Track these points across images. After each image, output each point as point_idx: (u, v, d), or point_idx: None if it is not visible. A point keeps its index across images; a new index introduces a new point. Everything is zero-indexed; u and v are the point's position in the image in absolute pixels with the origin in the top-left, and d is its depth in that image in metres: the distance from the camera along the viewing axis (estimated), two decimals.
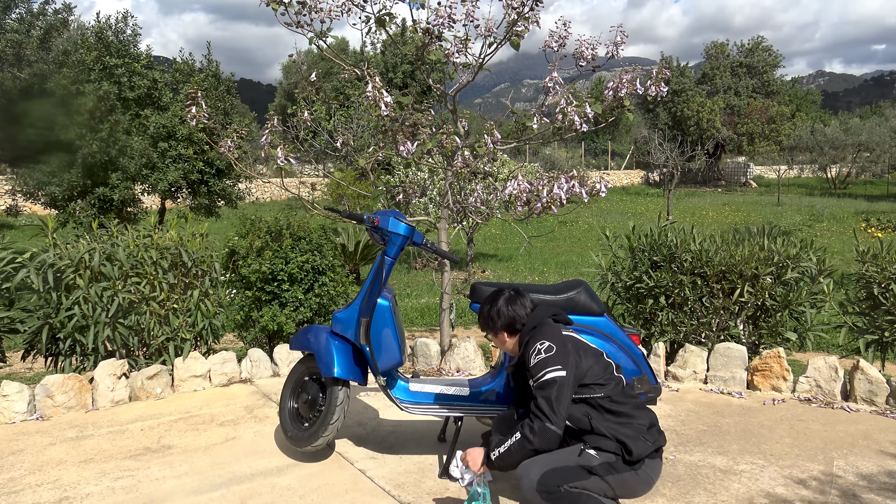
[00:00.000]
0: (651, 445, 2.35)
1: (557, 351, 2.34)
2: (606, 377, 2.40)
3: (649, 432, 2.38)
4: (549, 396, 2.29)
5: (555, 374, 2.30)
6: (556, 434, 2.29)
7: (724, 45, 37.15)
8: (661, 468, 2.49)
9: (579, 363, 2.36)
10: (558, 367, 2.31)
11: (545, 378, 2.31)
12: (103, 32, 11.48)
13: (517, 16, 3.83)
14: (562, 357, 2.33)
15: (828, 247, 8.74)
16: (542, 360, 2.33)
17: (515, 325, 2.55)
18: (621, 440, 2.33)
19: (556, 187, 3.89)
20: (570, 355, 2.35)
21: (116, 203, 10.70)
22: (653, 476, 2.40)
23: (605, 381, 2.39)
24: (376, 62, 27.00)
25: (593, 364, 2.40)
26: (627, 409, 2.39)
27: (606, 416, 2.38)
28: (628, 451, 2.31)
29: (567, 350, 2.36)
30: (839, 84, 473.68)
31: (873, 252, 4.36)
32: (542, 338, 2.40)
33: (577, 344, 2.43)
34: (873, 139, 30.73)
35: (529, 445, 2.30)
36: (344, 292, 5.03)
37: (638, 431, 2.35)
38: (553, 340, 2.38)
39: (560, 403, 2.29)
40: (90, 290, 4.04)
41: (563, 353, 2.34)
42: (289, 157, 4.06)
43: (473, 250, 10.41)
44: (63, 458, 3.13)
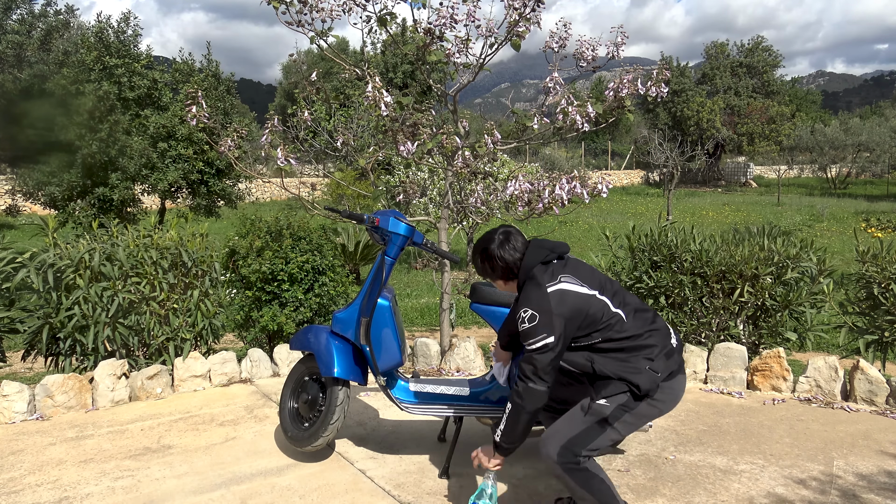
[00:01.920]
0: (659, 377, 2.33)
1: (541, 319, 2.29)
2: (603, 322, 2.35)
3: (657, 361, 2.34)
4: (532, 359, 2.29)
5: (541, 343, 2.28)
6: (542, 392, 2.29)
7: (724, 45, 37.15)
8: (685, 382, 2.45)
9: (570, 319, 2.31)
10: (543, 334, 2.28)
11: (533, 346, 2.29)
12: (104, 32, 11.48)
13: (518, 16, 3.83)
14: (546, 324, 2.29)
15: (828, 247, 8.75)
16: (527, 330, 2.30)
17: (511, 273, 2.51)
18: (627, 379, 2.32)
19: (557, 188, 3.89)
20: (554, 319, 2.29)
21: (116, 203, 10.70)
22: (678, 391, 2.40)
23: (602, 325, 2.35)
24: (376, 62, 27.00)
25: (587, 311, 2.34)
26: (631, 342, 2.35)
27: (609, 356, 2.36)
28: (636, 387, 2.31)
29: (551, 315, 2.30)
30: (839, 84, 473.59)
31: (873, 252, 4.35)
32: (526, 304, 2.34)
33: (565, 298, 2.33)
34: (873, 139, 30.73)
35: (522, 411, 2.30)
36: (344, 292, 5.04)
37: (644, 364, 2.33)
38: (536, 306, 2.31)
39: (546, 366, 2.28)
40: (90, 290, 4.04)
41: (546, 319, 2.29)
42: (289, 157, 4.06)
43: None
44: (63, 458, 3.13)
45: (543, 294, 2.34)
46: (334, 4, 4.01)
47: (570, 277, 2.38)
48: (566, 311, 2.31)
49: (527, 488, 2.82)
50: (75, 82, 10.35)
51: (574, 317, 2.32)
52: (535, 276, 2.40)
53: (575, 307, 2.32)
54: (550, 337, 2.28)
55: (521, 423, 2.32)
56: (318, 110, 11.30)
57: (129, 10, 12.22)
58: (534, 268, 2.43)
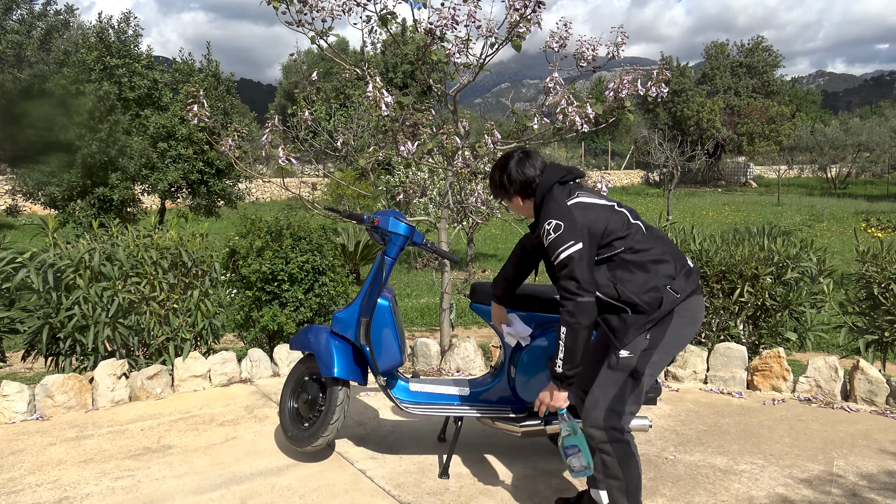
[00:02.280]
0: (679, 297, 2.35)
1: (566, 227, 2.33)
2: (625, 230, 2.38)
3: (678, 280, 2.37)
4: (571, 273, 2.29)
5: (571, 251, 2.30)
6: (591, 303, 2.29)
7: (724, 45, 37.16)
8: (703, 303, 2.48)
9: (593, 228, 2.34)
10: (571, 241, 2.31)
11: (562, 256, 2.31)
12: (104, 32, 11.49)
13: (519, 17, 3.83)
14: (572, 231, 2.32)
15: (828, 247, 8.75)
16: (554, 240, 2.33)
17: (529, 188, 2.53)
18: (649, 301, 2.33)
19: None
20: (578, 226, 2.33)
21: (116, 203, 10.70)
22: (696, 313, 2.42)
23: (623, 234, 2.37)
24: (376, 62, 27.01)
25: (608, 221, 2.37)
26: (652, 255, 2.37)
27: (631, 274, 2.36)
28: (659, 306, 2.33)
29: (575, 222, 2.33)
30: (839, 84, 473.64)
31: (873, 252, 4.35)
32: (548, 216, 2.39)
33: (586, 209, 2.38)
34: (873, 139, 30.73)
35: (579, 328, 2.29)
36: (344, 292, 5.03)
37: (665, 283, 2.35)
38: (559, 216, 2.36)
39: (584, 274, 2.29)
40: (90, 290, 4.04)
41: (571, 227, 2.33)
42: (290, 157, 4.06)
43: (473, 250, 10.41)
44: (63, 458, 3.13)
45: (565, 206, 2.38)
46: (334, 4, 4.01)
47: (587, 193, 2.44)
48: (589, 219, 2.35)
49: (527, 488, 2.82)
50: (75, 82, 10.36)
51: (596, 225, 2.35)
52: (554, 193, 2.45)
53: (597, 216, 2.37)
54: (579, 243, 2.30)
55: (579, 342, 2.31)
56: (318, 110, 11.30)
57: (129, 11, 12.23)
58: (552, 186, 2.47)
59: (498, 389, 3.02)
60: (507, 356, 2.99)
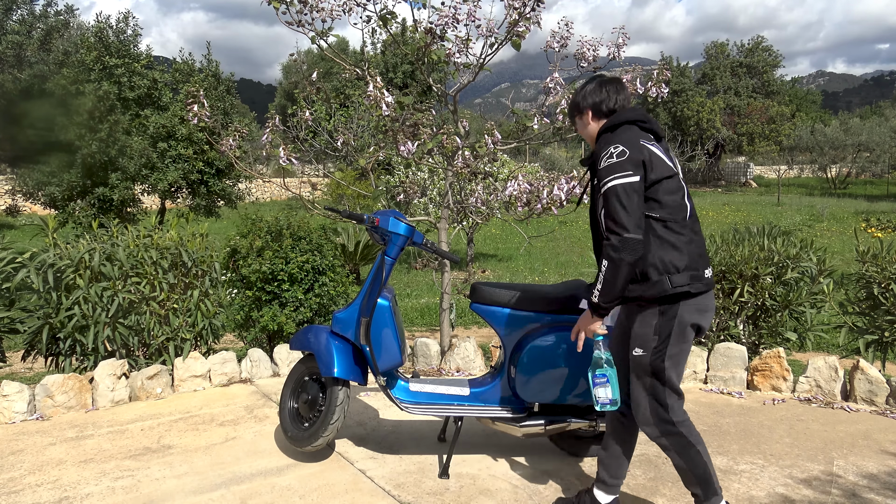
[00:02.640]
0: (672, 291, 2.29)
1: (630, 156, 2.23)
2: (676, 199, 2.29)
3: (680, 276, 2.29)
4: (620, 204, 2.20)
5: (624, 180, 2.21)
6: (639, 241, 2.22)
7: (724, 45, 37.18)
8: (714, 300, 2.43)
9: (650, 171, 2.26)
10: (629, 172, 2.21)
11: (616, 183, 2.22)
12: (104, 32, 11.49)
13: (518, 16, 3.83)
14: (634, 162, 2.23)
15: (828, 247, 8.76)
16: (612, 165, 2.24)
17: (602, 108, 2.46)
18: (650, 275, 2.29)
19: (556, 188, 3.89)
20: (642, 161, 2.25)
21: (116, 203, 10.71)
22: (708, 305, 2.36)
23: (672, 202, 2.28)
24: (376, 62, 27.01)
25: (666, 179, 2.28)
26: (676, 240, 2.29)
27: (659, 242, 2.30)
28: (671, 282, 2.28)
29: (641, 156, 2.25)
30: (839, 84, 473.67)
31: (873, 252, 4.35)
32: (616, 141, 2.28)
33: (652, 156, 2.28)
34: (873, 139, 30.74)
35: (622, 263, 2.22)
36: (344, 292, 5.03)
37: (670, 270, 2.29)
38: (628, 145, 2.26)
39: (633, 209, 2.20)
40: (90, 290, 4.04)
41: (636, 158, 2.23)
42: (290, 157, 4.06)
43: (473, 250, 10.41)
44: (63, 458, 3.13)
45: (637, 141, 2.30)
46: (334, 4, 4.01)
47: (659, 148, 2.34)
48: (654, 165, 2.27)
49: (527, 488, 2.82)
50: (75, 82, 10.36)
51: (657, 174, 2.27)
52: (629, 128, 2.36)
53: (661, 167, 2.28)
54: (636, 176, 2.22)
55: (620, 277, 2.24)
56: (319, 110, 11.30)
57: (128, 11, 12.23)
58: (629, 121, 2.39)
59: (498, 389, 3.02)
60: (507, 356, 2.99)
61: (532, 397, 2.90)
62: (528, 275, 10.71)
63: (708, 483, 2.36)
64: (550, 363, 2.87)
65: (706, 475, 2.36)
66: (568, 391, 2.90)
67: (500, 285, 3.02)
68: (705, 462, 2.35)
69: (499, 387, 3.02)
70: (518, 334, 2.97)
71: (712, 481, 2.37)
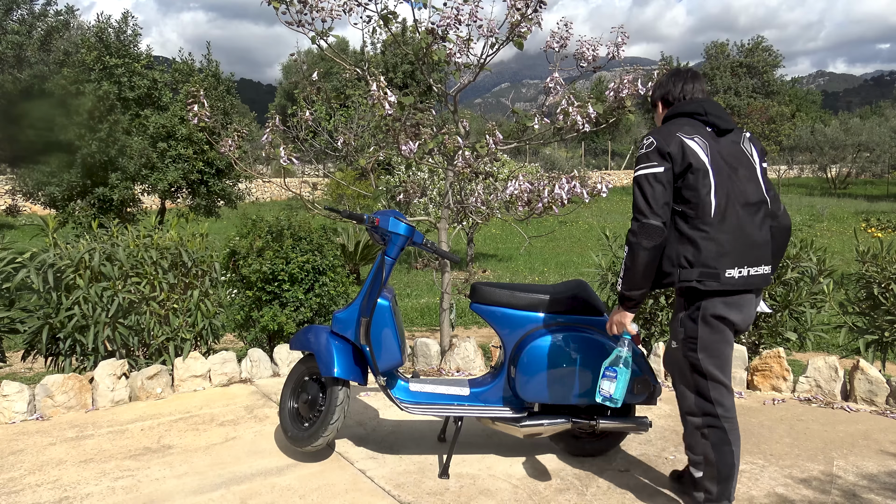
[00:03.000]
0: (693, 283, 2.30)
1: (657, 147, 2.33)
2: (699, 195, 2.30)
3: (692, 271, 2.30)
4: (644, 193, 2.31)
5: (650, 170, 2.31)
6: (659, 228, 2.29)
7: (724, 45, 37.19)
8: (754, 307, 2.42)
9: (676, 164, 2.31)
10: (654, 163, 2.32)
11: (638, 174, 2.34)
12: (104, 32, 11.49)
13: (521, 16, 3.83)
14: (660, 153, 2.32)
15: (828, 247, 8.74)
16: (640, 156, 2.36)
17: (668, 98, 2.56)
18: (679, 263, 2.33)
19: (557, 188, 3.89)
20: (672, 154, 2.31)
21: (116, 203, 10.70)
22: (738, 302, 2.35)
23: (692, 197, 2.31)
24: (376, 62, 27.01)
25: (690, 173, 2.31)
26: (699, 237, 2.31)
27: (677, 235, 2.34)
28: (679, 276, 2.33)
29: (668, 148, 2.32)
30: (839, 84, 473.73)
31: (873, 252, 4.35)
32: (653, 133, 2.39)
33: (687, 148, 2.33)
34: (873, 139, 30.72)
35: (639, 248, 2.30)
36: (344, 292, 5.03)
37: (682, 263, 2.32)
38: (659, 137, 2.35)
39: (656, 197, 2.29)
40: (90, 290, 4.04)
41: (662, 149, 2.32)
42: (291, 157, 4.06)
43: (473, 250, 10.41)
44: (63, 458, 3.13)
45: (673, 134, 2.36)
46: (335, 4, 4.01)
47: (702, 141, 2.36)
48: (682, 157, 2.31)
49: (527, 488, 2.82)
50: (75, 82, 10.36)
51: (681, 167, 2.31)
52: (678, 120, 2.44)
53: (687, 161, 2.31)
54: (661, 167, 2.31)
55: (638, 263, 2.31)
56: (319, 110, 11.30)
57: (127, 11, 12.23)
58: (682, 113, 2.45)
59: (498, 389, 3.02)
60: (508, 356, 2.99)
61: (532, 397, 2.90)
62: (528, 274, 10.71)
63: (727, 484, 2.38)
64: (551, 363, 2.87)
65: (729, 476, 2.38)
66: (568, 391, 2.90)
67: (500, 285, 3.02)
68: (734, 463, 2.37)
69: (499, 387, 3.02)
70: (518, 334, 2.97)
71: (731, 485, 2.39)
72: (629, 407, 3.04)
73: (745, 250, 2.33)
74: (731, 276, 2.31)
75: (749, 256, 2.33)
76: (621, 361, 2.45)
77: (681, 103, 2.49)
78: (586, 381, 2.89)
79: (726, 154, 2.37)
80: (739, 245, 2.32)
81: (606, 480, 2.89)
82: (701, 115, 2.42)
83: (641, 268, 2.31)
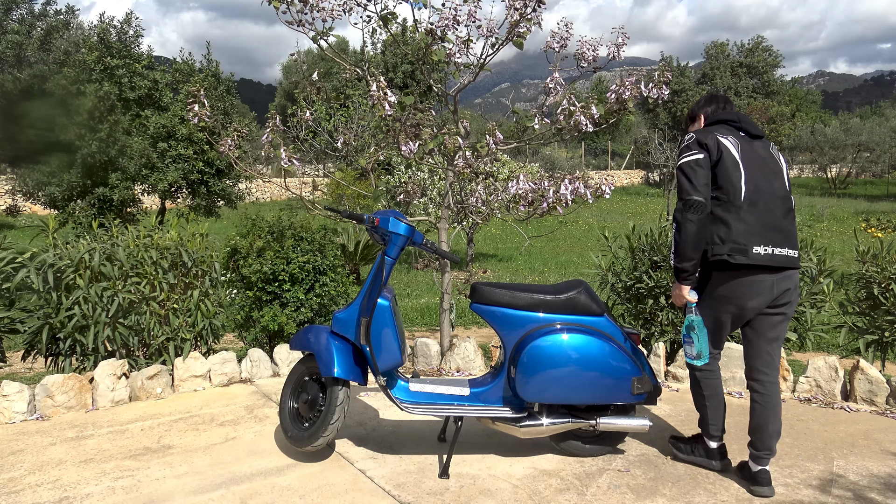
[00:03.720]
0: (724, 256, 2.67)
1: (697, 139, 2.76)
2: (731, 182, 2.69)
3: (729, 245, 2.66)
4: (684, 175, 2.72)
5: (691, 158, 2.73)
6: (701, 202, 2.67)
7: (724, 45, 37.18)
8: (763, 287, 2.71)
9: (712, 154, 2.72)
10: (694, 151, 2.74)
11: (683, 160, 2.75)
12: (106, 33, 11.49)
13: (520, 16, 3.83)
14: (700, 144, 2.74)
15: (828, 247, 8.74)
16: (683, 146, 2.80)
17: (708, 112, 2.98)
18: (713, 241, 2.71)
19: (562, 188, 3.90)
20: (708, 144, 2.73)
21: (116, 203, 10.70)
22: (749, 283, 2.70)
23: (727, 184, 2.69)
24: (376, 62, 27.02)
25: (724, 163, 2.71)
26: (731, 218, 2.68)
27: (712, 217, 2.71)
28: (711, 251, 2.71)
29: (706, 140, 2.74)
30: (839, 84, 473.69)
31: (873, 252, 4.35)
32: (695, 132, 2.82)
33: (721, 144, 2.74)
34: (873, 139, 30.70)
35: (687, 222, 2.67)
36: (344, 292, 5.03)
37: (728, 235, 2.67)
38: (699, 133, 2.78)
39: (697, 178, 2.69)
40: (90, 290, 4.04)
41: (701, 141, 2.74)
42: (291, 157, 4.06)
43: (474, 250, 10.41)
44: (63, 458, 3.13)
45: (710, 132, 2.78)
46: (335, 4, 4.01)
47: (734, 140, 2.77)
48: (717, 149, 2.73)
49: (527, 488, 2.82)
50: (75, 82, 10.35)
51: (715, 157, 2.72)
52: (714, 126, 2.86)
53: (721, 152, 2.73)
54: (701, 154, 2.73)
55: (686, 235, 2.67)
56: (319, 110, 11.30)
57: (131, 11, 12.23)
58: (719, 121, 2.88)
59: (498, 389, 3.02)
60: (508, 356, 2.99)
61: (532, 397, 2.90)
62: (528, 274, 10.71)
63: (704, 424, 2.95)
64: (551, 363, 2.87)
65: (704, 418, 2.94)
66: (568, 391, 2.90)
67: (500, 285, 3.02)
68: (706, 407, 2.90)
69: (499, 387, 3.02)
70: (518, 334, 2.97)
71: (707, 426, 2.93)
72: (629, 407, 3.05)
73: (771, 232, 2.68)
74: (758, 252, 2.66)
75: (775, 238, 2.69)
76: (693, 325, 2.79)
77: (718, 112, 2.93)
78: (586, 381, 2.89)
79: (756, 154, 2.78)
80: (766, 227, 2.69)
81: (606, 480, 2.89)
82: (735, 122, 2.86)
83: (690, 239, 2.66)
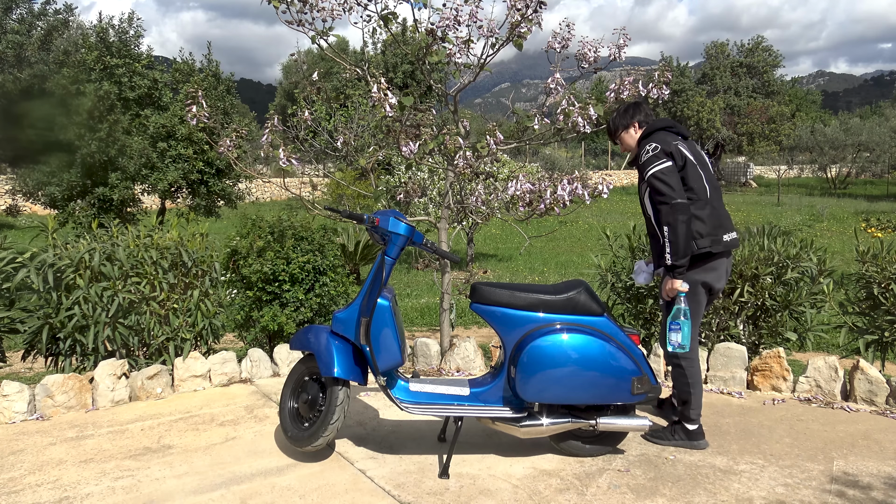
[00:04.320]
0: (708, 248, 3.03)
1: (662, 149, 3.03)
2: (699, 182, 3.04)
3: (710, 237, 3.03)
4: (662, 182, 2.96)
5: (663, 166, 2.99)
6: (685, 204, 2.95)
7: (724, 44, 37.16)
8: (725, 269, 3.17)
9: (677, 160, 3.02)
10: (665, 159, 3.00)
11: (657, 169, 2.99)
12: (105, 32, 11.49)
13: (521, 17, 3.83)
14: (666, 153, 3.02)
15: (828, 247, 8.74)
16: (650, 157, 3.03)
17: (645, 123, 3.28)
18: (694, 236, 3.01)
19: (559, 188, 3.90)
20: (673, 153, 3.02)
21: (116, 203, 10.70)
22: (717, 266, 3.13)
23: (696, 184, 3.02)
24: (376, 62, 27.02)
25: (689, 167, 3.04)
26: (704, 214, 3.02)
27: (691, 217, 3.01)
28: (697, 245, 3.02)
29: (669, 149, 3.03)
30: (839, 84, 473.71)
31: (873, 252, 4.35)
32: (653, 141, 3.09)
33: (678, 149, 3.05)
34: (873, 139, 30.70)
35: (677, 223, 2.92)
36: (344, 292, 5.03)
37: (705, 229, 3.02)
38: (659, 142, 3.06)
39: (672, 183, 2.96)
40: (90, 290, 4.04)
41: (666, 150, 3.02)
42: (290, 158, 4.06)
43: (473, 250, 10.41)
44: (63, 458, 3.13)
45: (668, 142, 3.08)
46: (335, 4, 4.01)
47: (685, 145, 3.10)
48: (679, 156, 3.04)
49: (527, 488, 2.82)
50: (75, 82, 10.35)
51: (680, 162, 3.03)
52: (662, 133, 3.16)
53: (683, 158, 3.04)
54: (669, 161, 3.01)
55: (679, 236, 2.92)
56: (319, 110, 11.30)
57: (132, 11, 12.23)
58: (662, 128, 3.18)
59: (498, 389, 3.02)
60: (508, 356, 2.99)
61: (532, 397, 2.90)
62: (528, 274, 10.71)
63: (687, 410, 3.21)
64: (551, 363, 2.87)
65: (688, 403, 3.20)
66: (568, 391, 2.90)
67: (500, 285, 3.02)
68: (691, 394, 3.19)
69: (499, 387, 3.02)
70: (518, 334, 2.97)
71: (689, 411, 3.20)
72: (629, 407, 3.05)
73: (726, 220, 3.14)
74: (727, 239, 3.10)
75: (728, 224, 3.14)
76: (682, 314, 2.98)
77: (656, 120, 3.25)
78: (586, 381, 2.89)
79: (699, 154, 3.14)
80: (724, 217, 3.12)
81: (606, 480, 2.89)
82: (672, 128, 3.20)
83: (683, 238, 2.92)
